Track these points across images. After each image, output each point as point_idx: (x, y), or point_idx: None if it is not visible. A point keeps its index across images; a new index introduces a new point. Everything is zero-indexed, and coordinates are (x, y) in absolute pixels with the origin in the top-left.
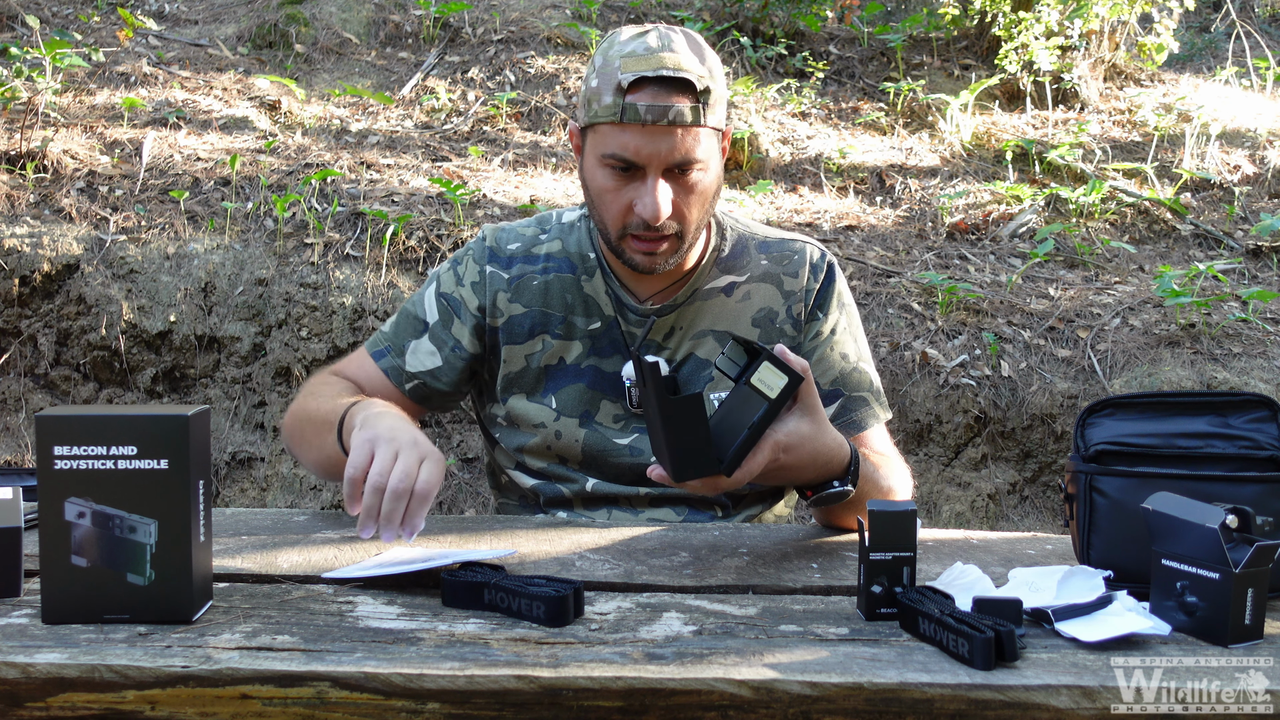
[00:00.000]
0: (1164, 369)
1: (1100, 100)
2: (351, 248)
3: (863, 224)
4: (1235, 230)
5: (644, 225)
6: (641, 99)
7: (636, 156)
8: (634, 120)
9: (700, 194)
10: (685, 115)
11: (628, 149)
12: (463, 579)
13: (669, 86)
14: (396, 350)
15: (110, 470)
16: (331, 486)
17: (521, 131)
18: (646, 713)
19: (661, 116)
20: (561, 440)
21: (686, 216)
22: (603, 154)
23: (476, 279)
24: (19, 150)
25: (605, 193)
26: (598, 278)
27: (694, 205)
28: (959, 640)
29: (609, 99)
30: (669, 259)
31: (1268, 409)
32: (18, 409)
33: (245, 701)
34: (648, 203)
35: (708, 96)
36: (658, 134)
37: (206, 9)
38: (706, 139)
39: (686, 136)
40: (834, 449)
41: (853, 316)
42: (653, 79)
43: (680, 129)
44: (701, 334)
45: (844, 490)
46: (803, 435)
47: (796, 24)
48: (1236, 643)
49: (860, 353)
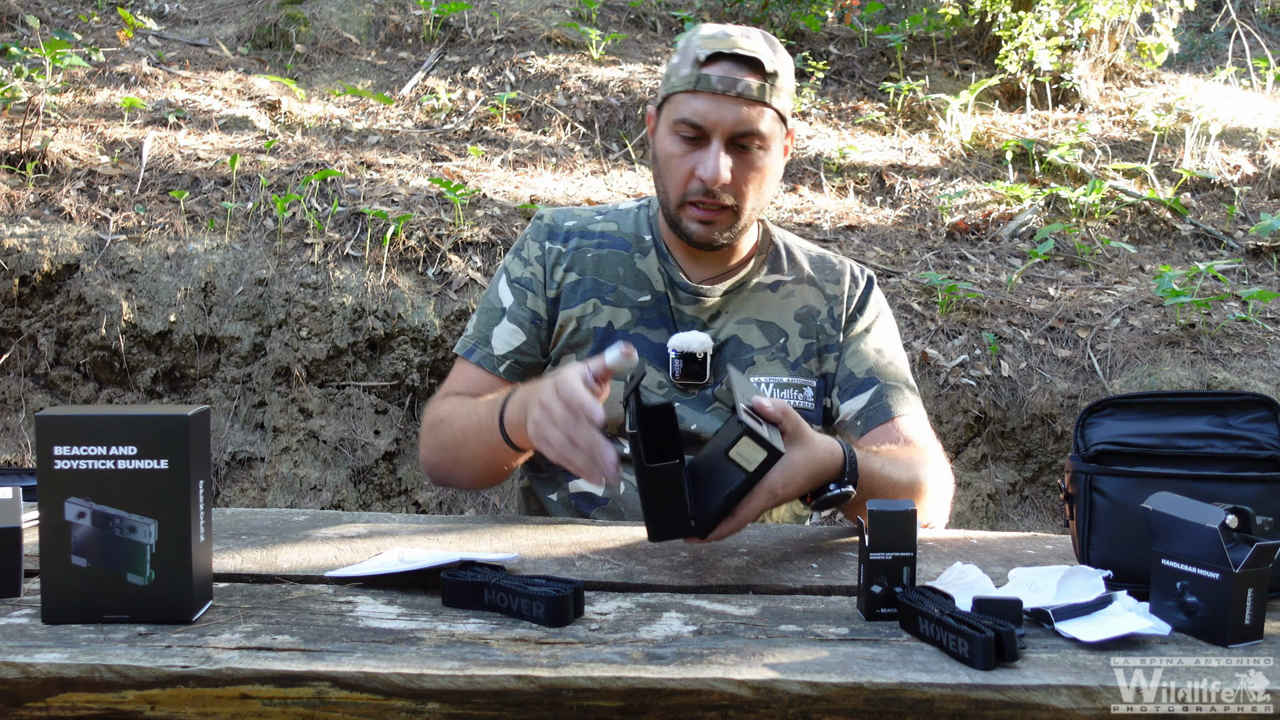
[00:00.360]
0: (1164, 369)
1: (1100, 100)
2: (351, 248)
3: (863, 224)
4: (1235, 230)
5: (703, 191)
6: (715, 71)
7: (704, 121)
8: (706, 89)
9: (758, 173)
10: (752, 90)
11: (697, 114)
12: (463, 579)
13: (741, 64)
14: (483, 342)
15: (110, 470)
16: (331, 486)
17: (521, 131)
18: (646, 713)
19: (731, 87)
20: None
21: (744, 191)
22: (674, 120)
23: (539, 253)
24: (19, 150)
25: (672, 159)
26: (652, 256)
27: (751, 183)
28: (959, 640)
29: (686, 70)
30: (723, 232)
31: (1268, 409)
32: (18, 409)
33: (245, 701)
34: (710, 165)
35: (775, 80)
36: (726, 103)
37: (206, 9)
38: (770, 121)
39: (751, 111)
40: (826, 459)
41: (889, 325)
42: (727, 55)
43: (746, 103)
44: (746, 321)
45: (843, 492)
46: (796, 466)
47: (796, 24)
48: (1236, 643)
49: (895, 352)
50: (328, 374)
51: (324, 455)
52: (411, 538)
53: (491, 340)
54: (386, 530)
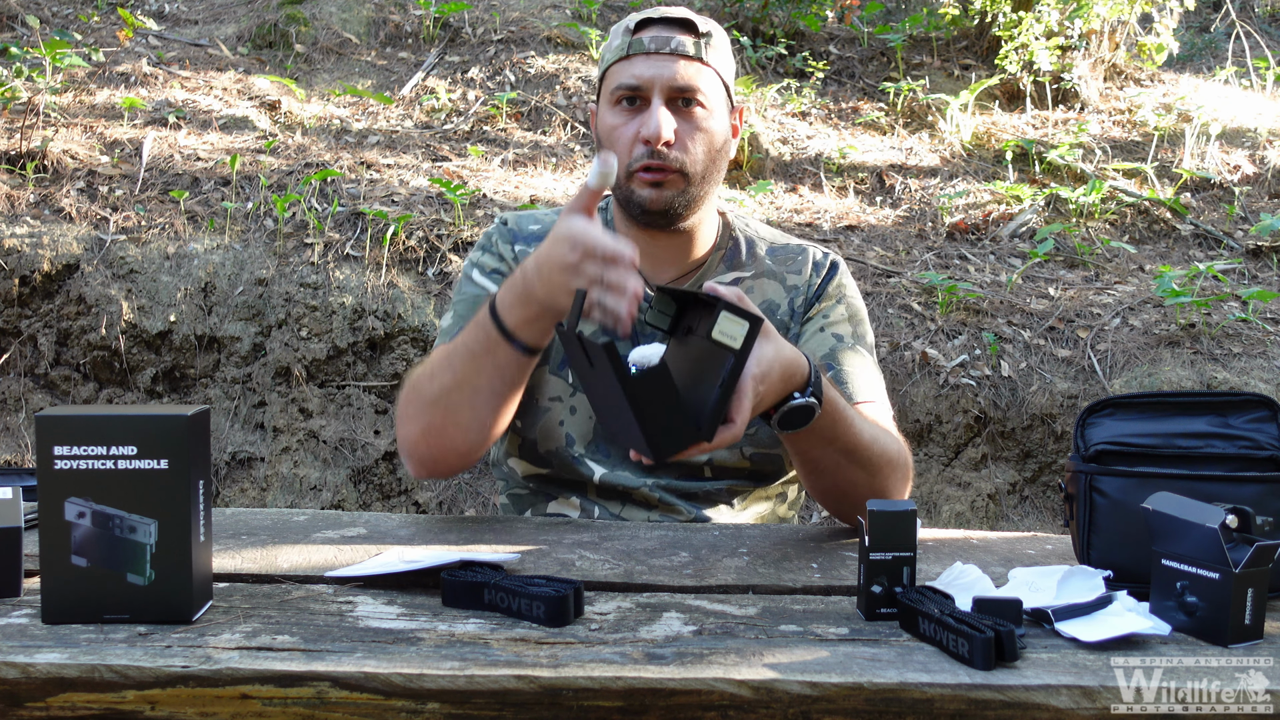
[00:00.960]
0: (1164, 369)
1: (1100, 100)
2: (351, 248)
3: (863, 224)
4: (1235, 230)
5: (649, 154)
6: (647, 33)
7: (640, 79)
8: (639, 51)
9: (706, 134)
10: (687, 46)
11: (633, 75)
12: (463, 579)
13: (672, 24)
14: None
15: (110, 470)
16: (331, 486)
17: (521, 131)
18: (646, 713)
19: (664, 45)
20: (576, 415)
21: (690, 150)
22: (611, 89)
23: (511, 255)
24: (19, 150)
25: (614, 130)
26: None
27: (698, 143)
28: (959, 640)
29: (618, 41)
30: (676, 199)
31: (1268, 409)
32: (18, 409)
33: (245, 701)
34: (650, 123)
35: (709, 39)
36: (660, 60)
37: (206, 9)
38: (710, 81)
39: (689, 67)
40: (793, 358)
41: (853, 312)
42: (657, 19)
43: (682, 59)
44: None
45: (806, 403)
46: (770, 359)
47: (796, 24)
48: (1236, 643)
49: (858, 340)
50: (328, 374)
51: (324, 455)
52: (411, 538)
53: None
54: (386, 530)
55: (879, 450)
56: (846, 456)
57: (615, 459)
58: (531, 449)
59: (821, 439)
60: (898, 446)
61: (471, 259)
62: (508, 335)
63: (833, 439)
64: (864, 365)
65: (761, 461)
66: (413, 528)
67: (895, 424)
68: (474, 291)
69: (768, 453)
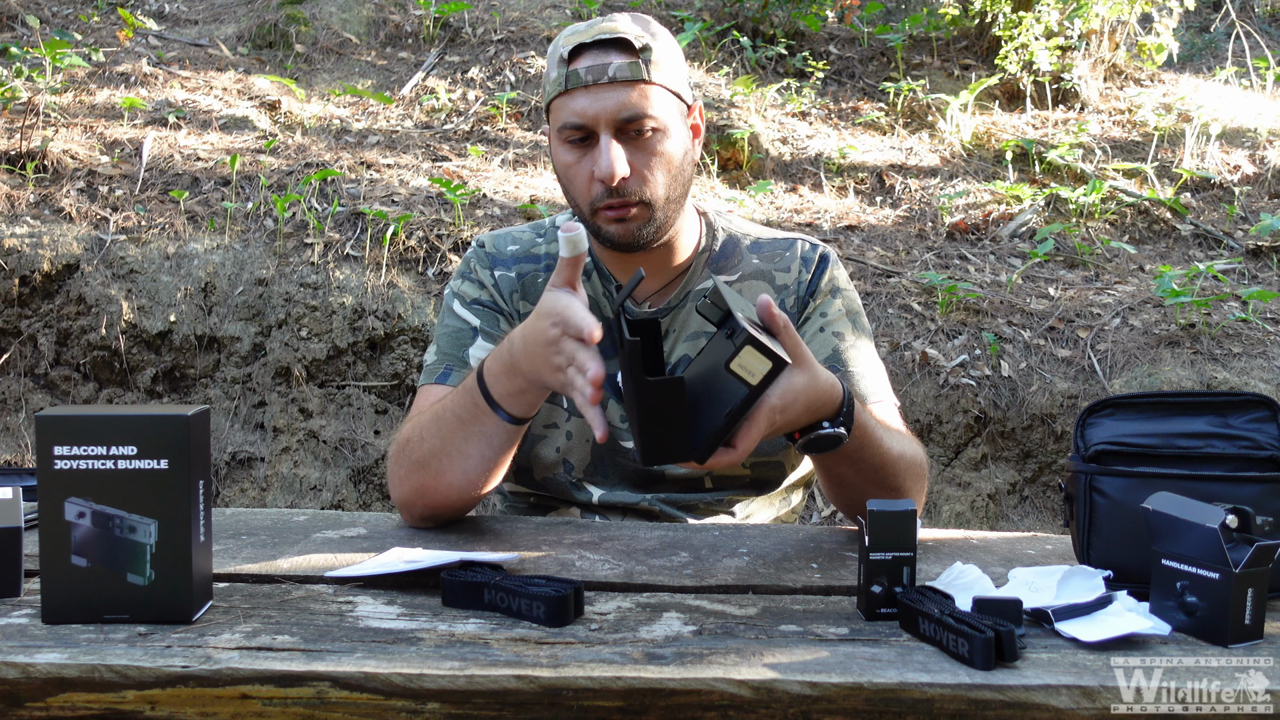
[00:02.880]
0: (1164, 369)
1: (1100, 100)
2: (351, 248)
3: (863, 224)
4: (1235, 230)
5: (607, 193)
6: (582, 63)
7: (583, 117)
8: (577, 85)
9: (662, 158)
10: (624, 70)
11: (575, 112)
12: (463, 579)
13: (606, 47)
14: (458, 363)
15: (110, 470)
16: (331, 486)
17: (521, 131)
18: (646, 713)
19: (601, 75)
20: (572, 441)
21: (649, 180)
22: (558, 128)
23: (492, 281)
24: (19, 150)
25: (569, 169)
26: (595, 279)
27: (656, 169)
28: (959, 640)
29: (555, 73)
30: (643, 229)
31: (1268, 409)
32: (18, 409)
33: (245, 701)
34: (602, 163)
35: (648, 54)
36: (600, 92)
37: (206, 9)
38: (658, 98)
39: (631, 93)
40: (827, 389)
41: (851, 303)
42: (590, 44)
43: (623, 85)
44: (695, 335)
45: (835, 433)
46: (797, 391)
47: (796, 24)
48: (1236, 643)
49: (857, 335)
50: (328, 374)
51: (324, 455)
52: (411, 538)
53: (470, 361)
54: (386, 530)
55: (905, 465)
56: (875, 473)
57: (614, 480)
58: (527, 475)
59: (848, 460)
60: (915, 451)
61: (452, 288)
62: (494, 405)
63: (859, 461)
64: (870, 363)
65: (763, 469)
66: (413, 528)
67: (904, 420)
68: (456, 325)
69: (769, 460)
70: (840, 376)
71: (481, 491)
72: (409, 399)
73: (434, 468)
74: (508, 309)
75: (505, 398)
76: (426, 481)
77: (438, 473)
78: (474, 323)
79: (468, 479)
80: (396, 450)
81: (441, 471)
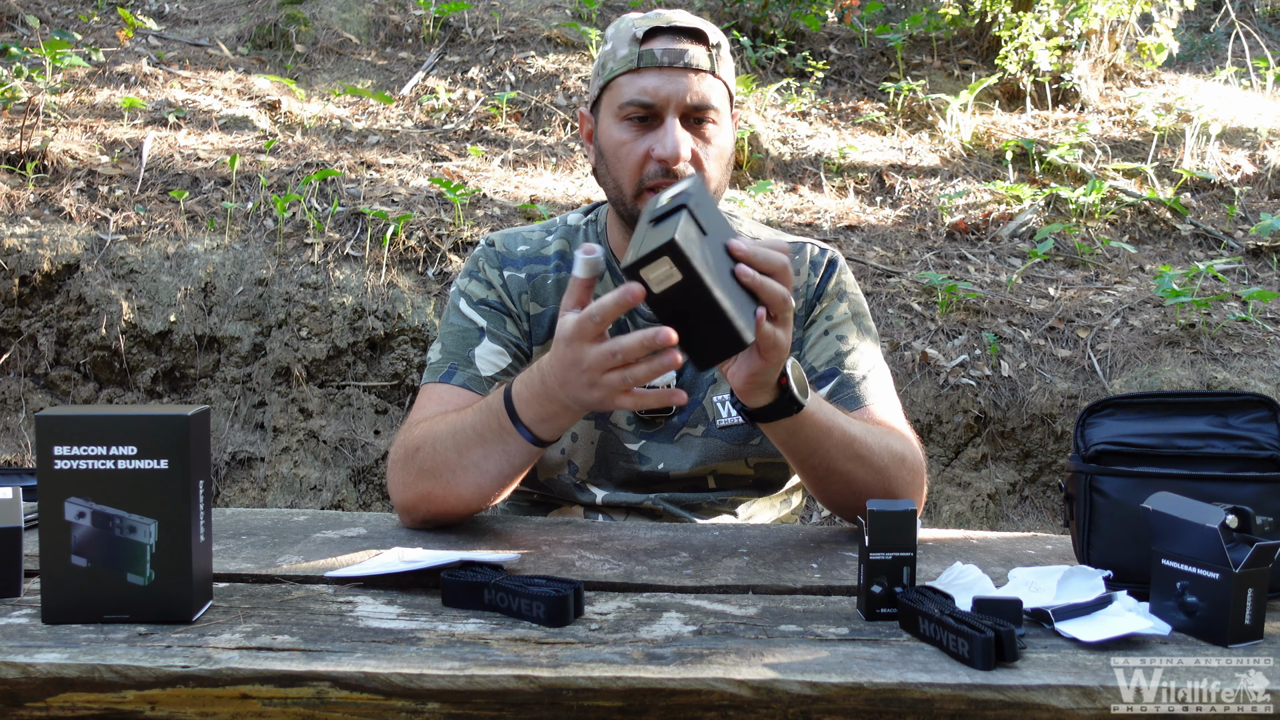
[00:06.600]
0: (1164, 369)
1: (1100, 100)
2: (351, 248)
3: (863, 224)
4: (1235, 230)
5: (662, 172)
6: (658, 44)
7: (655, 98)
8: (651, 64)
9: (717, 150)
10: (701, 60)
11: (646, 92)
12: (463, 579)
13: (682, 34)
14: (463, 363)
15: (110, 470)
16: (331, 486)
17: (521, 131)
18: (646, 713)
19: (678, 59)
20: (577, 442)
21: (704, 167)
22: (620, 104)
23: (500, 281)
24: (19, 150)
25: (622, 147)
26: (606, 278)
27: (711, 160)
28: (959, 640)
29: (624, 51)
30: None
31: (1268, 409)
32: (18, 409)
33: (245, 701)
34: (667, 142)
35: (720, 50)
36: (675, 75)
37: (206, 9)
38: (721, 93)
39: (702, 82)
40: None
41: (855, 309)
42: (666, 28)
43: (696, 73)
44: None
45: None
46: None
47: (796, 24)
48: (1236, 643)
49: (861, 338)
50: (328, 374)
51: (324, 455)
52: (411, 538)
53: (475, 361)
54: (386, 530)
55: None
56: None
57: (617, 481)
58: (530, 476)
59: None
60: (904, 447)
61: (459, 286)
62: (522, 428)
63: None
64: (872, 366)
65: (766, 470)
66: (412, 528)
67: (907, 421)
68: (462, 324)
69: (772, 461)
70: (842, 379)
71: (491, 503)
72: (409, 399)
73: (445, 478)
74: (516, 310)
75: (537, 423)
76: (435, 490)
77: (449, 483)
78: (480, 323)
79: (480, 491)
80: (403, 455)
81: (453, 483)
